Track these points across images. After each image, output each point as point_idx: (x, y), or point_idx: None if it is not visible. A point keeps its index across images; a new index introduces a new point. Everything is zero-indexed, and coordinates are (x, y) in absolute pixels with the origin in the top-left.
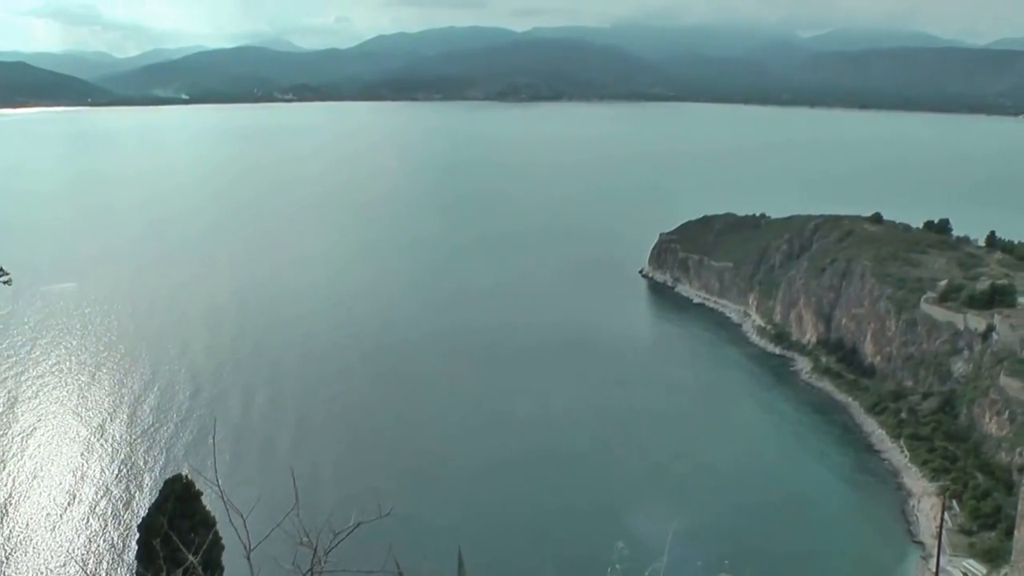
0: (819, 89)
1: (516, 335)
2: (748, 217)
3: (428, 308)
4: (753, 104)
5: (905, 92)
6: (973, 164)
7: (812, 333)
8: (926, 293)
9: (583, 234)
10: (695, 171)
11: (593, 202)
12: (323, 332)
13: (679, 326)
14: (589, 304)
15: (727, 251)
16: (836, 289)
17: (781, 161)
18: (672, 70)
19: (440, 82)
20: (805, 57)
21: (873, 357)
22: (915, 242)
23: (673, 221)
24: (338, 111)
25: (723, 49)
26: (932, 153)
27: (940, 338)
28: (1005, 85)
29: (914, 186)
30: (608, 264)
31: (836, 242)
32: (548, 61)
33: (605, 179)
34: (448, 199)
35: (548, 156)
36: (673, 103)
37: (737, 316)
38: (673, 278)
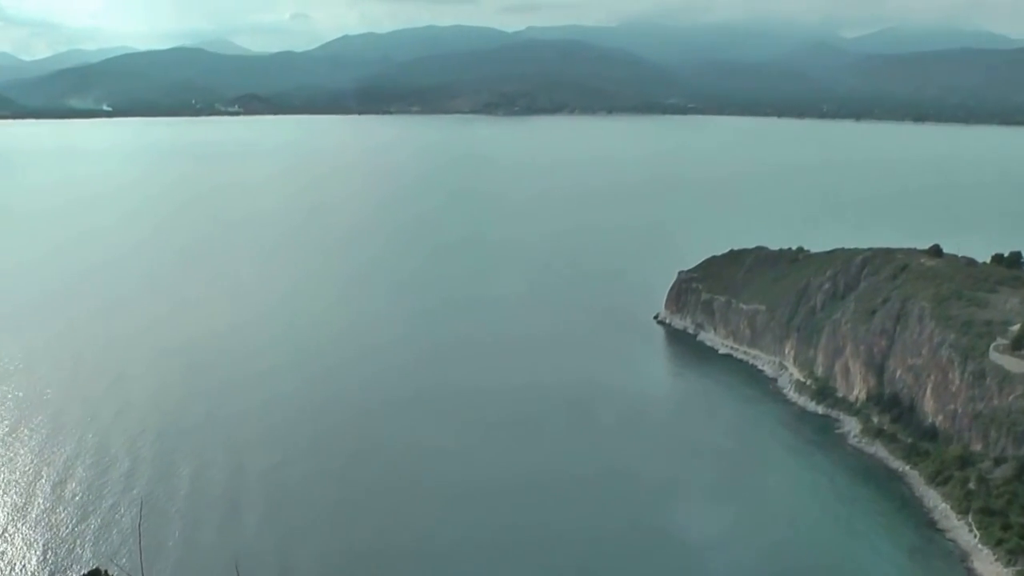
0: (866, 99)
1: (513, 396)
2: (783, 251)
3: (413, 364)
4: (788, 117)
5: (968, 102)
6: None
7: (861, 388)
8: (996, 339)
9: (589, 274)
10: (720, 197)
11: (601, 236)
12: (289, 393)
13: (703, 381)
14: (597, 357)
15: (759, 291)
16: (889, 335)
17: (822, 184)
18: (691, 78)
19: (418, 92)
20: (849, 61)
21: (934, 416)
22: (982, 278)
23: (694, 257)
24: (294, 127)
25: (752, 53)
26: (1000, 174)
27: (1014, 392)
28: None
29: (979, 213)
30: (619, 309)
31: (888, 279)
32: (545, 67)
33: (615, 209)
34: (433, 234)
35: (546, 181)
36: (693, 116)
37: (771, 369)
38: (695, 324)
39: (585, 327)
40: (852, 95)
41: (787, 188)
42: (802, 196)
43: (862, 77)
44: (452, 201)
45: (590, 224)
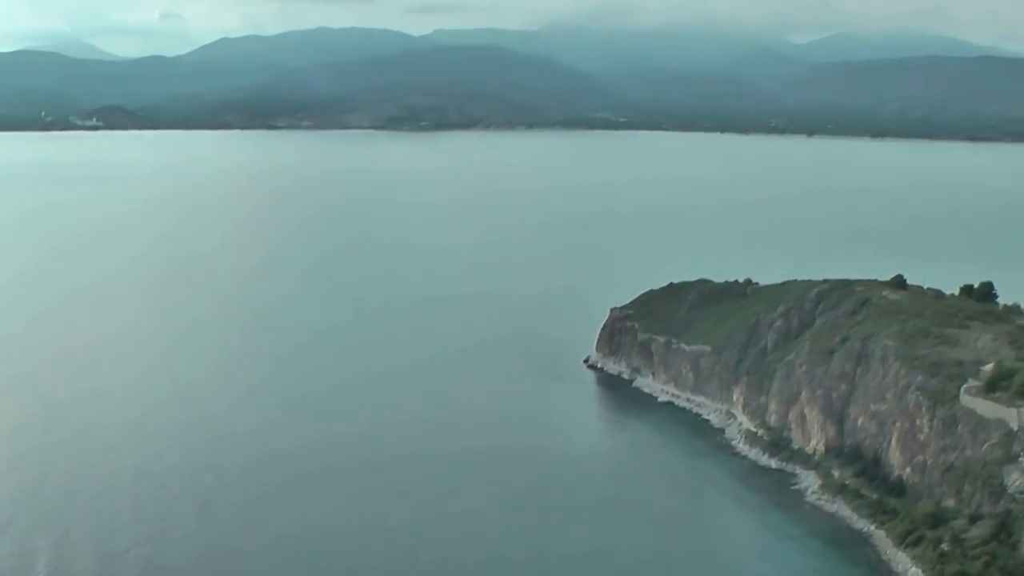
0: (818, 112)
1: (417, 458)
2: (730, 284)
3: (290, 412)
4: (732, 133)
5: (931, 116)
6: (1022, 210)
7: (819, 438)
8: (968, 381)
9: (506, 311)
10: (657, 225)
11: (519, 268)
12: (139, 464)
13: (640, 434)
14: (517, 410)
15: (703, 331)
16: (849, 378)
17: (771, 209)
18: (624, 89)
19: (310, 105)
20: (799, 70)
21: (901, 469)
22: (951, 313)
23: (629, 291)
24: (164, 145)
25: (691, 61)
26: (968, 197)
27: (989, 440)
28: None
29: (946, 240)
30: (542, 351)
31: (847, 315)
32: (457, 76)
33: (535, 237)
34: (325, 267)
35: (456, 206)
36: (626, 132)
37: (718, 418)
38: (631, 368)
39: (503, 375)
40: (803, 108)
41: (733, 214)
42: (751, 222)
43: (814, 88)
44: (347, 250)
45: (507, 252)
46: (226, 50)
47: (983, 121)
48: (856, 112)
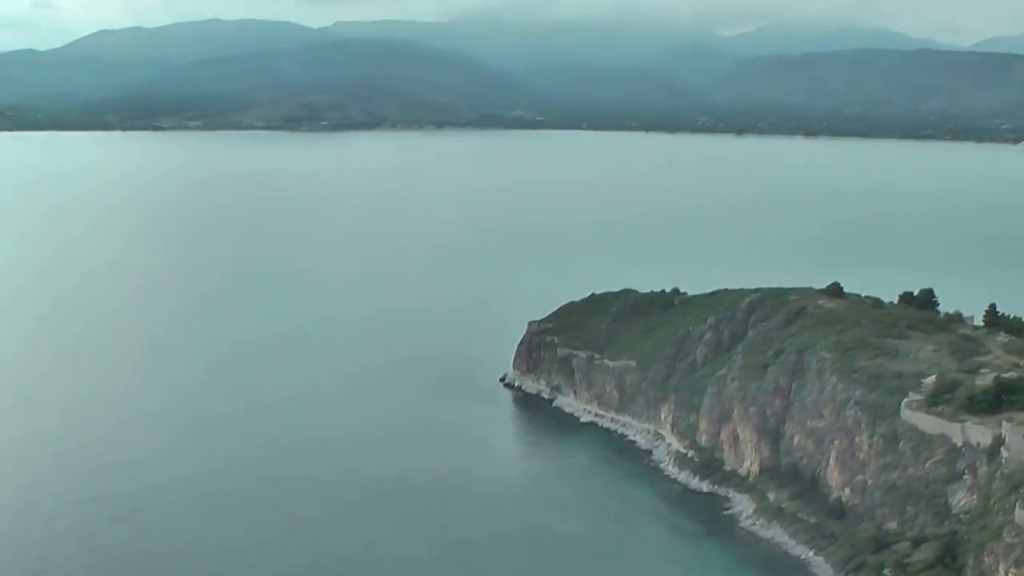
0: (748, 109)
1: (320, 488)
2: (656, 295)
3: (178, 440)
4: (657, 132)
5: (867, 113)
6: (963, 213)
7: (753, 459)
8: (908, 395)
9: (413, 329)
10: (577, 232)
11: (426, 282)
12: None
13: (560, 458)
14: (422, 433)
15: (628, 345)
16: (784, 394)
17: (698, 214)
18: (541, 85)
19: (199, 103)
20: (727, 65)
21: (841, 490)
22: (890, 323)
23: (548, 303)
24: (36, 148)
25: (612, 55)
26: (907, 199)
27: (932, 458)
28: (998, 101)
29: (884, 245)
30: (453, 370)
31: (782, 326)
32: (360, 72)
33: (445, 248)
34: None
35: (360, 215)
36: (543, 132)
37: (645, 439)
38: (551, 386)
39: (409, 397)
40: (732, 105)
41: (658, 218)
42: (677, 228)
43: (743, 83)
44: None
45: (416, 272)
46: (106, 43)
47: (921, 118)
48: (788, 109)
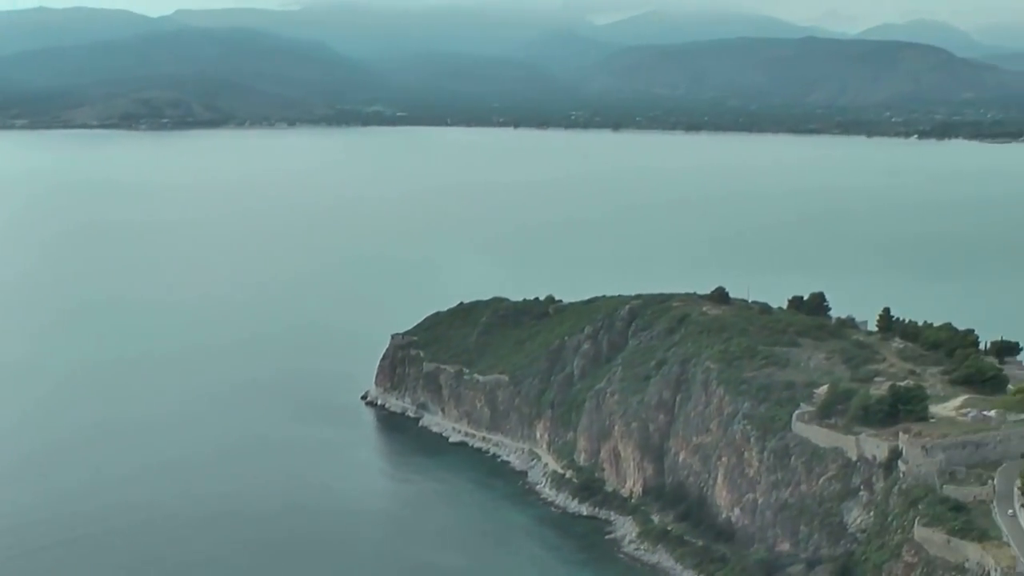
0: (626, 102)
1: (156, 513)
2: (529, 303)
3: (23, 467)
4: (527, 127)
5: (750, 106)
6: (855, 212)
7: (636, 479)
8: (800, 407)
9: (268, 349)
10: (441, 237)
11: (282, 296)
12: None
13: (428, 482)
14: (282, 461)
15: (499, 358)
16: (668, 408)
17: (572, 216)
18: (401, 78)
19: (25, 100)
20: (603, 55)
21: (730, 510)
22: (780, 330)
23: (413, 314)
24: None
25: (479, 45)
26: (793, 197)
27: (825, 473)
28: (888, 92)
29: (771, 247)
30: (311, 388)
31: (664, 334)
32: (204, 65)
33: (300, 258)
34: (58, 309)
35: (205, 224)
36: (404, 128)
37: (520, 459)
38: (416, 404)
39: (264, 420)
40: (608, 98)
41: (528, 221)
42: (549, 230)
43: (620, 75)
44: (72, 246)
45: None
46: None
47: (808, 110)
48: (668, 102)
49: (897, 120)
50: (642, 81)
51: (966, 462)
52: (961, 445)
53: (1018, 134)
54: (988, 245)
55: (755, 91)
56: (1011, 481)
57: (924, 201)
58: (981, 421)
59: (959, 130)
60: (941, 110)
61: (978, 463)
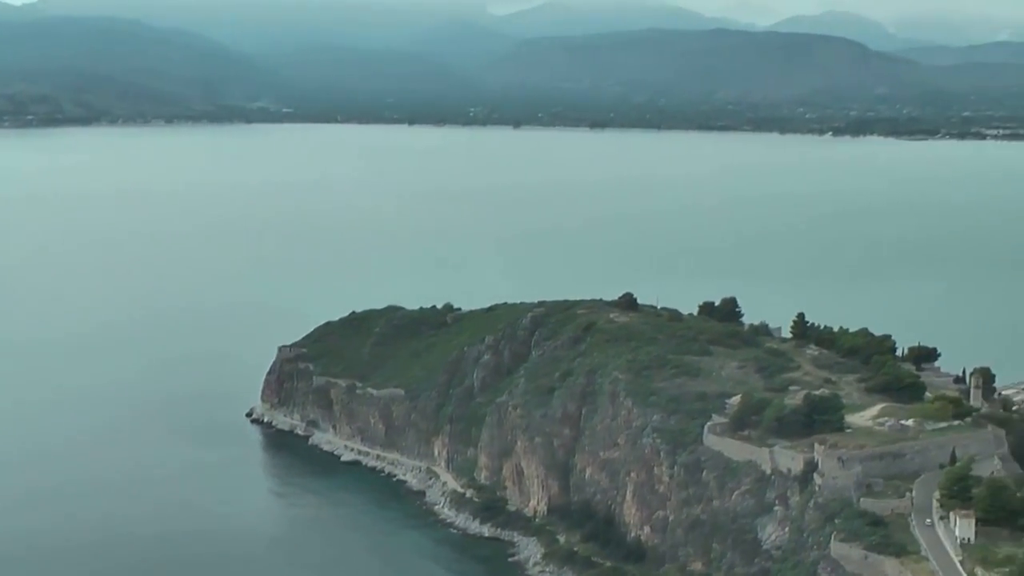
0: (527, 98)
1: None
2: (426, 311)
3: None
4: (424, 124)
5: (658, 101)
6: (766, 212)
7: (541, 497)
8: (712, 418)
9: (146, 366)
10: (335, 238)
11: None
12: None
13: (320, 505)
14: (160, 483)
15: (395, 370)
16: (574, 421)
17: (471, 216)
18: (288, 72)
19: None
20: (503, 47)
21: (639, 528)
22: (690, 338)
23: (302, 324)
24: None
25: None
26: (704, 196)
27: (738, 488)
28: (801, 87)
29: (680, 249)
30: (190, 406)
31: (569, 344)
32: (74, 58)
33: (175, 260)
34: None
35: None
36: (291, 126)
37: (417, 478)
38: (306, 421)
39: (145, 442)
40: (509, 93)
41: (425, 223)
42: (446, 235)
43: (520, 69)
44: None
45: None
46: None
47: (718, 106)
48: (571, 97)
49: (811, 117)
50: (544, 75)
51: (884, 474)
52: (878, 456)
53: (934, 131)
54: (905, 248)
55: (663, 86)
56: (930, 493)
57: (839, 202)
58: (899, 431)
59: (874, 127)
60: (856, 106)
61: (896, 475)
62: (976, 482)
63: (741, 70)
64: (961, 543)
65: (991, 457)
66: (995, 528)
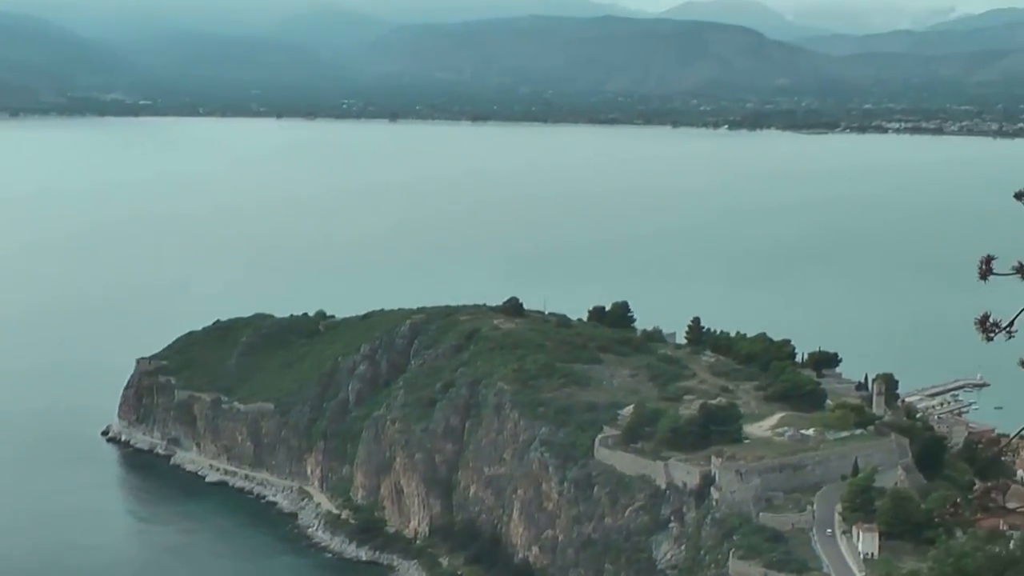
0: (404, 89)
1: None
2: (296, 319)
3: None
4: (293, 117)
5: (545, 93)
6: (660, 211)
7: (422, 517)
8: (603, 430)
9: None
10: (198, 242)
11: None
12: None
13: (184, 531)
14: (7, 509)
15: (264, 383)
16: (457, 436)
17: (343, 217)
18: (145, 61)
19: None
20: (378, 35)
21: (527, 549)
22: (580, 345)
23: (162, 334)
24: None
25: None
26: (589, 194)
27: (632, 504)
28: (695, 78)
29: (569, 250)
30: (41, 424)
31: (451, 353)
32: None
33: (18, 260)
34: None
35: None
36: (148, 119)
37: (288, 499)
38: (167, 439)
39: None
40: (385, 84)
41: (294, 227)
42: (315, 237)
43: (396, 58)
44: None
45: None
46: None
47: (608, 98)
48: (451, 88)
49: (706, 109)
50: (422, 65)
51: (783, 486)
52: (778, 468)
53: (834, 125)
54: (805, 248)
55: (550, 77)
56: (831, 506)
57: (736, 200)
58: (799, 441)
59: (772, 120)
60: (753, 98)
61: (796, 487)
62: (879, 494)
63: (632, 60)
64: (864, 558)
65: (894, 467)
66: (899, 542)
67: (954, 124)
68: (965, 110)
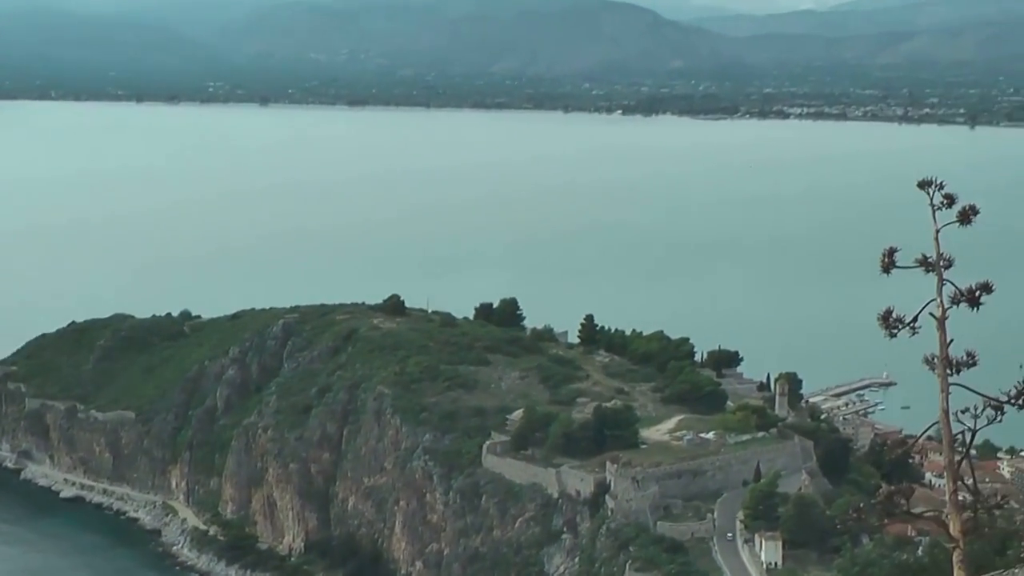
0: (274, 71)
1: None
2: (159, 320)
3: None
4: (154, 102)
5: (427, 76)
6: (549, 202)
7: (297, 532)
8: (491, 436)
9: None
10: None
11: None
12: None
13: (36, 550)
14: None
15: (124, 389)
16: (334, 444)
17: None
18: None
19: None
20: (244, 14)
21: (410, 564)
22: (465, 345)
23: (11, 338)
24: None
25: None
26: (478, 183)
27: (522, 515)
28: (587, 61)
29: (452, 244)
30: None
31: (327, 355)
32: None
33: None
34: None
35: None
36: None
37: (151, 515)
38: (17, 452)
39: None
40: (254, 66)
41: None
42: (180, 232)
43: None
44: None
45: None
46: None
47: (494, 82)
48: (327, 71)
49: (598, 93)
50: (295, 45)
51: (682, 494)
52: (676, 474)
53: (733, 110)
54: (703, 241)
55: (432, 58)
56: (733, 513)
57: (629, 190)
58: (698, 445)
59: (668, 105)
60: (648, 81)
61: (696, 494)
62: (783, 500)
63: (519, 41)
64: (768, 568)
65: (798, 472)
66: (804, 550)
67: (858, 109)
68: (869, 94)
